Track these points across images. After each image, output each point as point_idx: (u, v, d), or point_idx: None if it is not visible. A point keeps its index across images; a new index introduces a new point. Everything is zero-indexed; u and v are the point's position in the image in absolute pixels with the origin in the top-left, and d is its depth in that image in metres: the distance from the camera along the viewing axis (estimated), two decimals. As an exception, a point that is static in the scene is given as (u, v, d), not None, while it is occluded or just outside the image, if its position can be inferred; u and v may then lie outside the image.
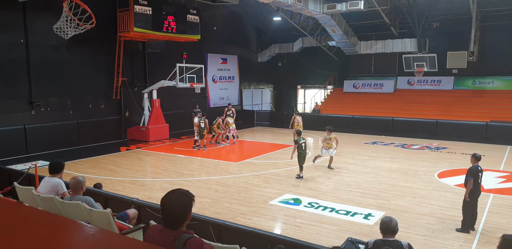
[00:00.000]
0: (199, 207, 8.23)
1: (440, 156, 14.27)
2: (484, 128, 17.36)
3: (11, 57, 13.60)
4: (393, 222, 4.18)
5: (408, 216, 7.94)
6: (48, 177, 5.56)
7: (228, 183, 10.46)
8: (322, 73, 26.77)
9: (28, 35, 13.91)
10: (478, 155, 7.33)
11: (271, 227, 7.47)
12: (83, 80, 15.79)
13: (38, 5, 13.76)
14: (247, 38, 25.66)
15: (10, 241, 1.97)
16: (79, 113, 15.76)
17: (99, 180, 10.23)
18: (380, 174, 11.45)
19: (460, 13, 20.23)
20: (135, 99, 17.59)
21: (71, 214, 4.62)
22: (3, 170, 9.03)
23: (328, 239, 6.71)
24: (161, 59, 18.85)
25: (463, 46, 19.91)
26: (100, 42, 16.09)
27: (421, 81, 23.31)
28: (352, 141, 17.50)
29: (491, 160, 13.27)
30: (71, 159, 13.01)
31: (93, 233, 2.20)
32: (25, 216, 2.56)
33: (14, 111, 13.79)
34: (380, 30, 22.47)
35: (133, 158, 13.94)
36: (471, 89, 22.10)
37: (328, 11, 17.87)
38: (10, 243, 1.95)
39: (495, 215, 8.02)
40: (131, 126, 17.69)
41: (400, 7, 20.27)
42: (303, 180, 10.71)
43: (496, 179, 10.84)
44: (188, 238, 2.51)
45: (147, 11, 15.64)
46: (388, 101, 23.21)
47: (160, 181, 10.79)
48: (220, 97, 23.38)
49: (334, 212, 8.17)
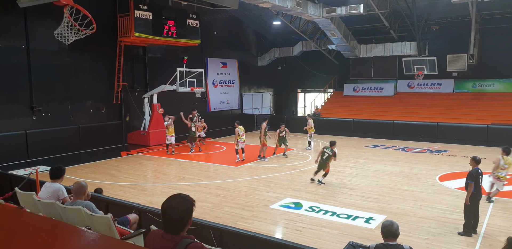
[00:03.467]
0: (200, 211, 8.22)
1: (441, 159, 14.25)
2: (485, 131, 17.35)
3: (12, 63, 13.65)
4: (394, 226, 4.16)
5: (409, 219, 7.92)
6: (49, 182, 5.57)
7: (228, 187, 10.45)
8: (322, 77, 26.82)
9: (29, 40, 13.97)
10: (478, 158, 7.31)
11: (272, 231, 7.45)
12: (84, 85, 15.83)
13: (39, 10, 13.81)
14: (247, 43, 25.74)
15: (11, 247, 1.98)
16: (79, 118, 15.78)
17: (100, 185, 10.23)
18: (381, 178, 11.43)
19: (459, 16, 20.30)
20: (136, 104, 17.62)
21: (72, 219, 4.62)
22: (4, 175, 9.03)
23: (329, 243, 6.70)
24: (161, 64, 18.90)
25: (463, 49, 19.95)
26: (101, 47, 16.15)
27: (421, 84, 23.32)
28: (353, 144, 17.49)
29: (492, 162, 13.22)
30: (72, 164, 13.01)
31: (94, 238, 2.20)
32: (26, 221, 2.56)
33: (15, 116, 13.81)
34: (379, 33, 22.53)
35: (133, 162, 13.94)
36: (472, 92, 22.11)
37: (327, 15, 17.94)
38: None
39: (497, 218, 8.00)
40: (131, 131, 17.70)
41: (400, 11, 20.34)
42: (306, 184, 10.70)
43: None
44: (189, 243, 2.51)
45: (148, 16, 15.71)
46: (389, 104, 23.22)
47: (161, 186, 10.79)
48: (221, 101, 23.41)
49: (335, 216, 8.15)
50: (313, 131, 16.47)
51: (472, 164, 7.29)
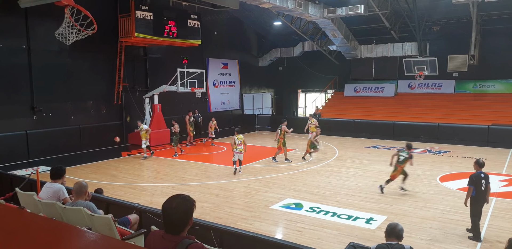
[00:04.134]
0: (200, 212, 8.22)
1: (442, 159, 14.24)
2: (485, 131, 17.33)
3: (13, 63, 13.67)
4: (398, 227, 4.24)
5: (410, 220, 7.91)
6: (50, 183, 5.57)
7: (229, 188, 10.45)
8: (322, 77, 26.82)
9: (30, 41, 13.99)
10: (481, 161, 7.15)
11: (272, 232, 7.45)
12: (85, 86, 15.85)
13: (40, 11, 13.84)
14: (247, 43, 25.75)
15: (11, 247, 1.98)
16: (80, 118, 15.80)
17: (101, 185, 10.24)
18: (381, 178, 11.39)
19: (460, 17, 20.30)
20: (136, 104, 17.63)
21: (73, 220, 4.62)
22: (4, 176, 9.04)
23: (329, 244, 6.69)
24: (162, 64, 18.91)
25: (464, 49, 19.94)
26: (102, 48, 16.16)
27: (422, 85, 23.32)
28: (353, 144, 17.49)
29: (493, 163, 13.23)
30: (73, 164, 13.02)
31: (94, 239, 2.20)
32: (26, 222, 2.56)
33: (16, 117, 13.83)
34: (380, 34, 22.54)
35: (134, 163, 13.94)
36: (472, 93, 22.10)
37: (328, 15, 17.94)
38: (11, 249, 1.95)
39: (498, 219, 7.98)
40: (132, 131, 17.70)
41: (400, 11, 20.34)
42: (306, 185, 10.69)
43: (499, 183, 10.79)
44: (189, 243, 2.51)
45: (148, 17, 15.72)
46: (389, 105, 23.21)
47: (161, 186, 10.79)
48: (221, 102, 23.42)
49: (335, 217, 8.15)
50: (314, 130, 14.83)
51: (476, 167, 7.14)
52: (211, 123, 17.61)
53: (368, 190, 10.19)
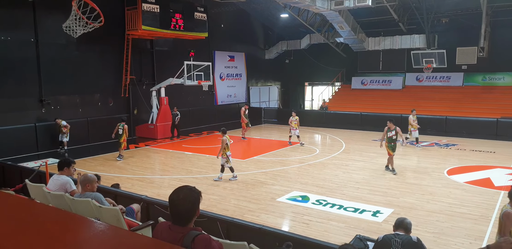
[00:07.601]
0: (207, 204, 8.27)
1: (450, 152, 14.16)
2: (494, 124, 17.17)
3: (21, 56, 13.75)
4: (406, 220, 4.36)
5: (417, 213, 7.90)
6: (57, 175, 5.61)
7: (236, 180, 10.49)
8: (329, 70, 26.66)
9: (38, 34, 14.05)
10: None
11: (279, 224, 7.49)
12: (92, 79, 15.92)
13: (47, 4, 13.88)
14: (254, 36, 25.63)
15: (22, 237, 2.01)
16: (88, 111, 15.91)
17: (108, 177, 10.35)
18: (388, 171, 11.40)
19: (469, 8, 19.98)
20: (143, 97, 17.69)
21: (81, 211, 4.67)
22: (14, 168, 9.16)
23: (336, 236, 6.71)
24: (168, 57, 18.92)
25: (473, 42, 19.68)
26: (109, 41, 16.19)
27: (430, 77, 23.10)
28: (361, 137, 17.43)
29: (501, 156, 13.14)
30: (81, 157, 13.14)
31: (103, 229, 2.22)
32: (36, 212, 2.60)
33: (24, 109, 13.95)
34: (388, 26, 22.29)
35: (141, 155, 14.03)
36: (481, 86, 21.86)
37: (335, 7, 17.76)
38: (22, 238, 1.98)
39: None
40: (139, 124, 17.81)
41: (409, 3, 20.08)
42: (313, 178, 10.71)
43: (507, 176, 10.72)
44: (196, 234, 2.53)
45: (155, 9, 15.69)
46: (397, 98, 23.04)
47: (169, 178, 10.86)
48: (228, 95, 23.41)
49: (342, 209, 8.16)
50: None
51: None
52: (291, 119, 15.55)
53: (375, 183, 10.17)
